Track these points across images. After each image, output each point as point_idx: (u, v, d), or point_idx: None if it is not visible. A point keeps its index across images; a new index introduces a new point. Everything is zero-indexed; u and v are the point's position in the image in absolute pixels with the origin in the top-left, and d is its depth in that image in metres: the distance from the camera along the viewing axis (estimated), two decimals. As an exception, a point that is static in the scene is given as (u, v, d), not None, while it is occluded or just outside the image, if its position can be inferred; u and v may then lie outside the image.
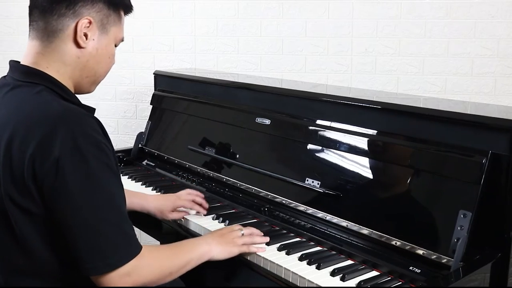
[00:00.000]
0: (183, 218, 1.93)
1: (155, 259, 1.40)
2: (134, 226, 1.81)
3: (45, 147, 1.25)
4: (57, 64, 1.42)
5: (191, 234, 1.88)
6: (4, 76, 1.48)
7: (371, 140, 1.77)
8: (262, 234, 1.71)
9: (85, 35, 1.42)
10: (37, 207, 1.28)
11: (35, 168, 1.25)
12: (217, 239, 1.61)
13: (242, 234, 1.66)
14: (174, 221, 1.96)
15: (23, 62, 1.44)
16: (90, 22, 1.42)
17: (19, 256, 1.33)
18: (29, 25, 1.45)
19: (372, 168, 1.76)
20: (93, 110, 1.47)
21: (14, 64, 1.46)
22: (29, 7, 1.45)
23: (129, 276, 1.30)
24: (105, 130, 1.38)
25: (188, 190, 2.01)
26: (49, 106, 1.33)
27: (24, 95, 1.38)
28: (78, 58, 1.44)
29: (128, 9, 1.55)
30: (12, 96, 1.39)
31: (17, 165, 1.27)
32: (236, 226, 1.71)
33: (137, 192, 2.01)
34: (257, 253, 1.63)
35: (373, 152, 1.76)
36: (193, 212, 1.95)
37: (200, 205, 1.96)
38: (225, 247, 1.60)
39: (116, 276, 1.29)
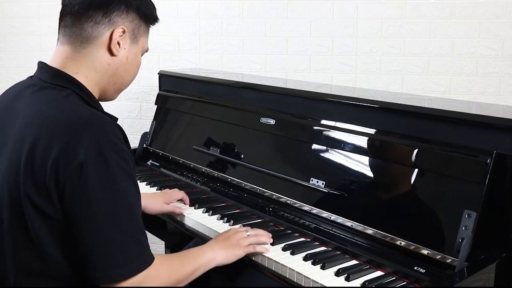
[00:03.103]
0: (183, 214, 1.96)
1: (165, 268, 1.40)
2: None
3: (70, 151, 1.26)
4: (87, 70, 1.44)
5: (195, 234, 1.88)
6: (31, 77, 1.49)
7: (376, 140, 1.78)
8: (268, 233, 1.71)
9: (118, 43, 1.45)
10: (55, 210, 1.28)
11: (58, 171, 1.25)
12: (222, 244, 1.61)
13: (248, 235, 1.66)
14: (175, 220, 1.98)
15: (51, 65, 1.45)
16: (124, 31, 1.46)
17: (32, 257, 1.33)
18: (59, 30, 1.47)
19: (376, 168, 1.76)
20: (116, 119, 1.48)
21: (42, 66, 1.47)
22: (61, 12, 1.46)
23: (140, 285, 1.30)
24: (127, 138, 1.39)
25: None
26: (76, 111, 1.35)
27: (51, 97, 1.39)
28: (108, 65, 1.46)
29: (156, 21, 1.59)
30: (39, 97, 1.40)
31: (39, 167, 1.27)
32: (242, 228, 1.71)
33: None
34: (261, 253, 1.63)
35: (377, 152, 1.77)
36: (185, 206, 2.03)
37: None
38: (230, 250, 1.60)
39: (128, 286, 1.28)
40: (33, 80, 1.46)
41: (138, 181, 2.32)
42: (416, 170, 1.66)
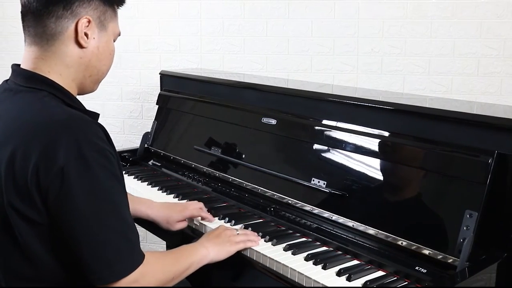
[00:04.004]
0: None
1: (160, 265, 1.40)
2: (140, 227, 1.81)
3: (49, 155, 1.23)
4: (59, 67, 1.40)
5: (198, 235, 1.88)
6: (6, 81, 1.46)
7: (377, 140, 1.77)
8: (256, 234, 1.74)
9: (86, 34, 1.40)
10: (40, 216, 1.27)
11: (39, 177, 1.24)
12: (213, 241, 1.64)
13: (238, 233, 1.70)
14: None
15: (23, 67, 1.42)
16: (89, 21, 1.40)
17: (23, 264, 1.32)
18: (24, 31, 1.42)
19: (378, 168, 1.76)
20: (97, 115, 1.45)
21: (16, 69, 1.44)
22: (22, 12, 1.42)
23: (136, 283, 1.30)
24: (110, 137, 1.36)
25: (195, 202, 1.97)
26: (53, 113, 1.31)
27: (27, 101, 1.36)
28: (80, 59, 1.42)
29: (121, 2, 1.52)
30: (15, 102, 1.37)
31: (20, 173, 1.25)
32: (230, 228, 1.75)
33: (142, 199, 1.97)
34: (263, 253, 1.63)
35: (379, 152, 1.76)
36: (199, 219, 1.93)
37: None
38: (222, 247, 1.63)
39: (124, 284, 1.28)
40: (8, 85, 1.43)
41: (140, 181, 2.33)
42: (418, 170, 1.66)
